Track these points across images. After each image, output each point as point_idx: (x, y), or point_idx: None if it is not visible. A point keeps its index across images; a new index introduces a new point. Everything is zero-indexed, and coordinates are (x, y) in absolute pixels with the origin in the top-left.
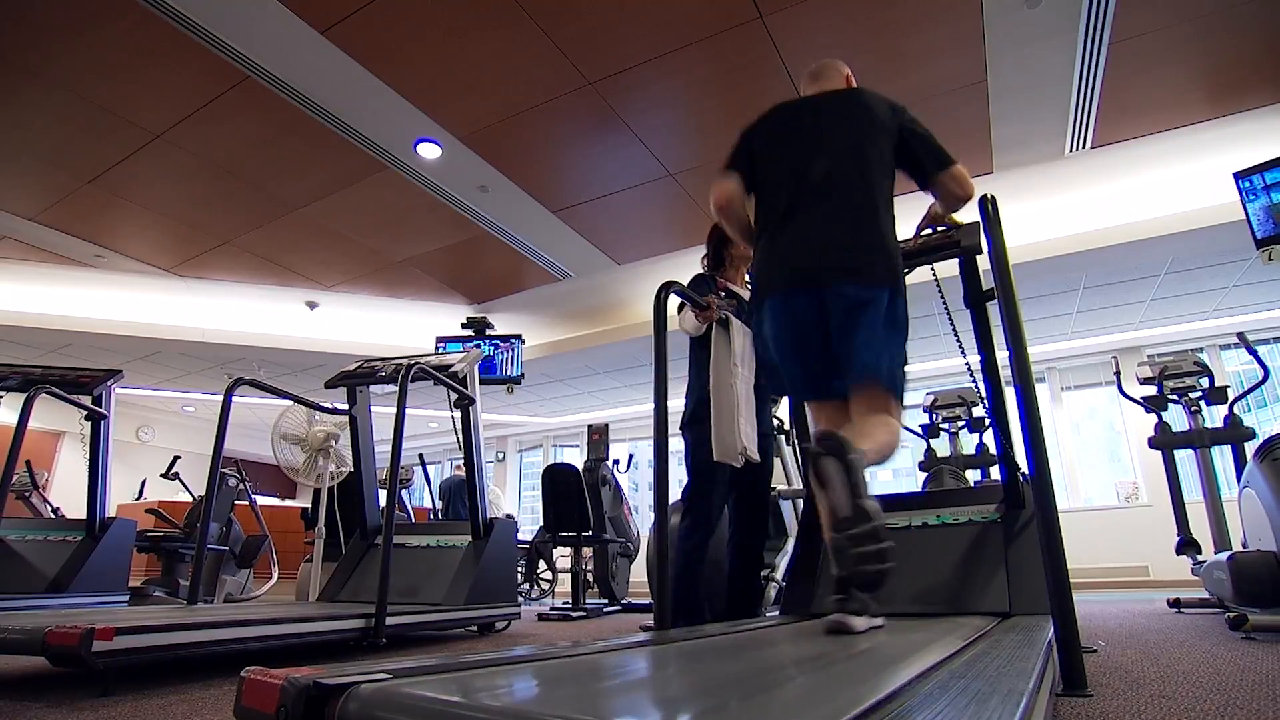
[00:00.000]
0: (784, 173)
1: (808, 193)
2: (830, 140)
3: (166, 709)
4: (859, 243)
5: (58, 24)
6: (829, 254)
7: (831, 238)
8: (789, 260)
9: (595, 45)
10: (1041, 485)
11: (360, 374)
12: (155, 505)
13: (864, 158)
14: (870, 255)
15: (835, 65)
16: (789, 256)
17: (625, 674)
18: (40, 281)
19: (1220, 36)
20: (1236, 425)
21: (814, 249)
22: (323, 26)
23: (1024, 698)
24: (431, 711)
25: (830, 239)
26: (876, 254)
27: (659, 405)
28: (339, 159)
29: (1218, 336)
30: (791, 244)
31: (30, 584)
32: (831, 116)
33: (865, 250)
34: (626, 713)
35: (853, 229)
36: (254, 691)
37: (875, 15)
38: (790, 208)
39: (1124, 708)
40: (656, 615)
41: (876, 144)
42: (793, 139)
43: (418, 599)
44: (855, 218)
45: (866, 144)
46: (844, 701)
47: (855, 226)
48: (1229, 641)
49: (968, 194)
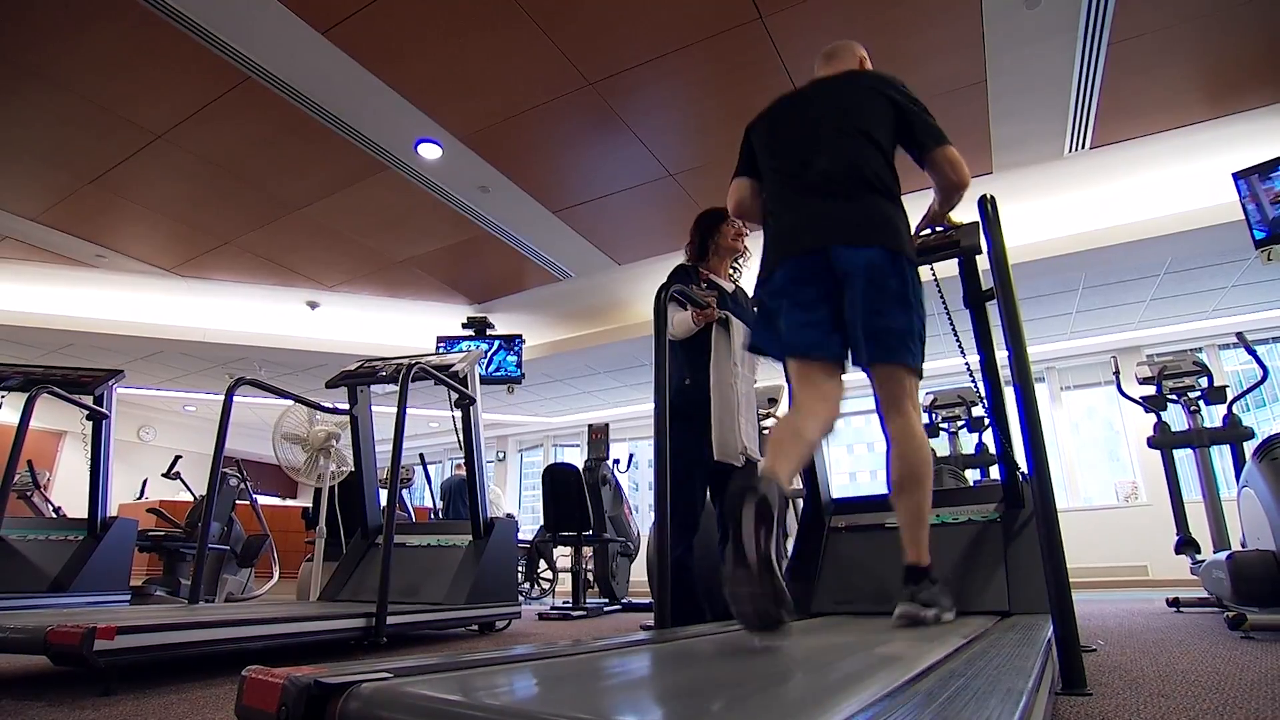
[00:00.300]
0: (784, 161)
1: (808, 178)
2: (827, 126)
3: (167, 708)
4: (859, 213)
5: (59, 24)
6: (830, 224)
7: (832, 212)
8: (793, 235)
9: (595, 46)
10: (1041, 485)
11: (361, 374)
12: (157, 505)
13: (863, 138)
14: (872, 222)
15: (850, 46)
16: (793, 232)
17: (625, 673)
18: (42, 282)
19: (1219, 37)
20: (1235, 425)
21: (815, 221)
22: (323, 27)
23: (1024, 696)
24: (432, 710)
25: (831, 213)
26: (879, 220)
27: (659, 405)
28: (340, 159)
29: (1216, 336)
30: (793, 222)
31: (32, 583)
32: (828, 102)
33: (865, 218)
34: (626, 712)
35: (853, 203)
36: (255, 690)
37: (875, 15)
38: (793, 194)
39: (1123, 707)
40: (657, 614)
41: (874, 124)
42: (792, 129)
43: (418, 598)
44: (856, 194)
45: (864, 124)
46: (844, 700)
47: (855, 201)
48: (1228, 641)
49: (961, 178)
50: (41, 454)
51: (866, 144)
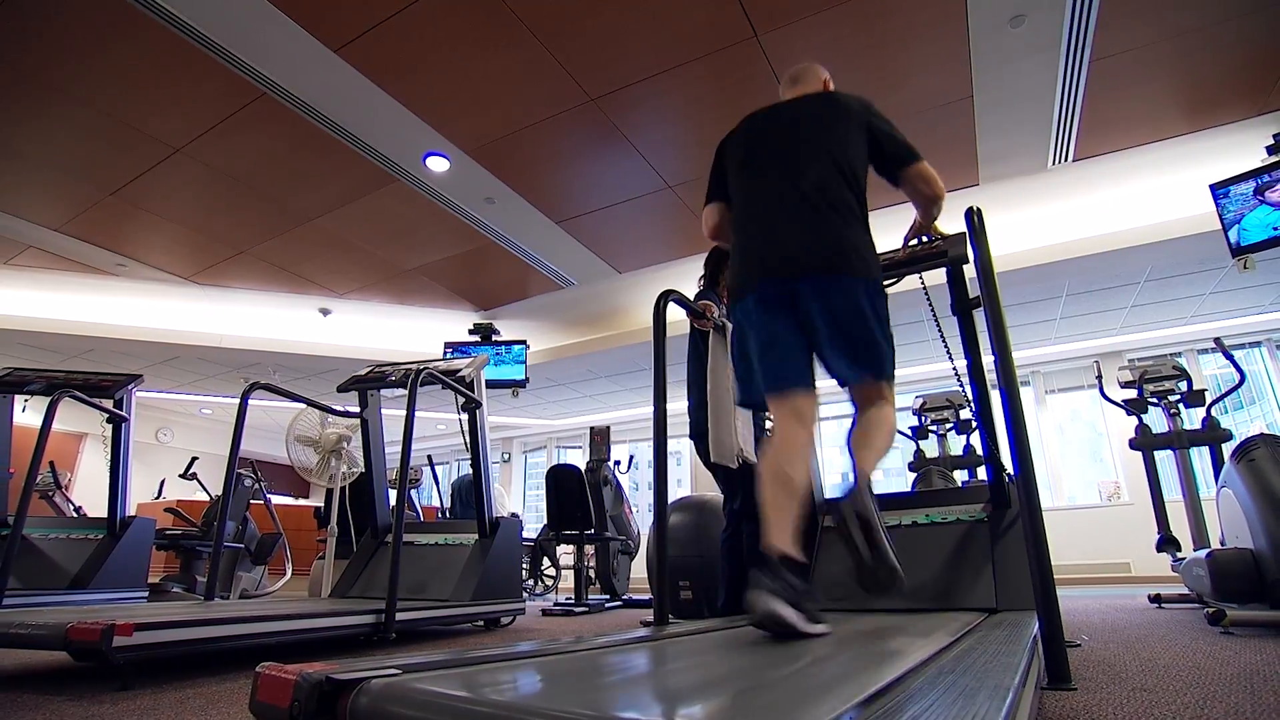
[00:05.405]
0: (754, 180)
1: (777, 197)
2: (798, 146)
3: (183, 702)
4: (828, 238)
5: (82, 42)
6: (799, 250)
7: (801, 236)
8: (760, 258)
9: (597, 63)
10: (1026, 485)
11: (371, 378)
12: (174, 504)
13: (832, 160)
14: (840, 249)
15: (814, 69)
16: (760, 255)
17: (627, 669)
18: (64, 289)
19: (1196, 55)
20: (1214, 427)
21: (785, 245)
22: (336, 45)
23: (1010, 692)
24: (439, 706)
25: (800, 237)
26: (846, 248)
27: (658, 408)
28: (351, 172)
29: (1195, 341)
30: (763, 244)
31: (53, 580)
32: (800, 123)
33: (834, 245)
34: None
35: (822, 227)
36: (269, 686)
37: (865, 33)
38: (761, 213)
39: (1107, 700)
40: (656, 610)
41: (845, 145)
42: (762, 148)
43: (426, 595)
44: (824, 218)
45: (834, 147)
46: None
47: (824, 225)
48: (1208, 636)
49: (935, 192)
50: (63, 455)
51: (837, 164)
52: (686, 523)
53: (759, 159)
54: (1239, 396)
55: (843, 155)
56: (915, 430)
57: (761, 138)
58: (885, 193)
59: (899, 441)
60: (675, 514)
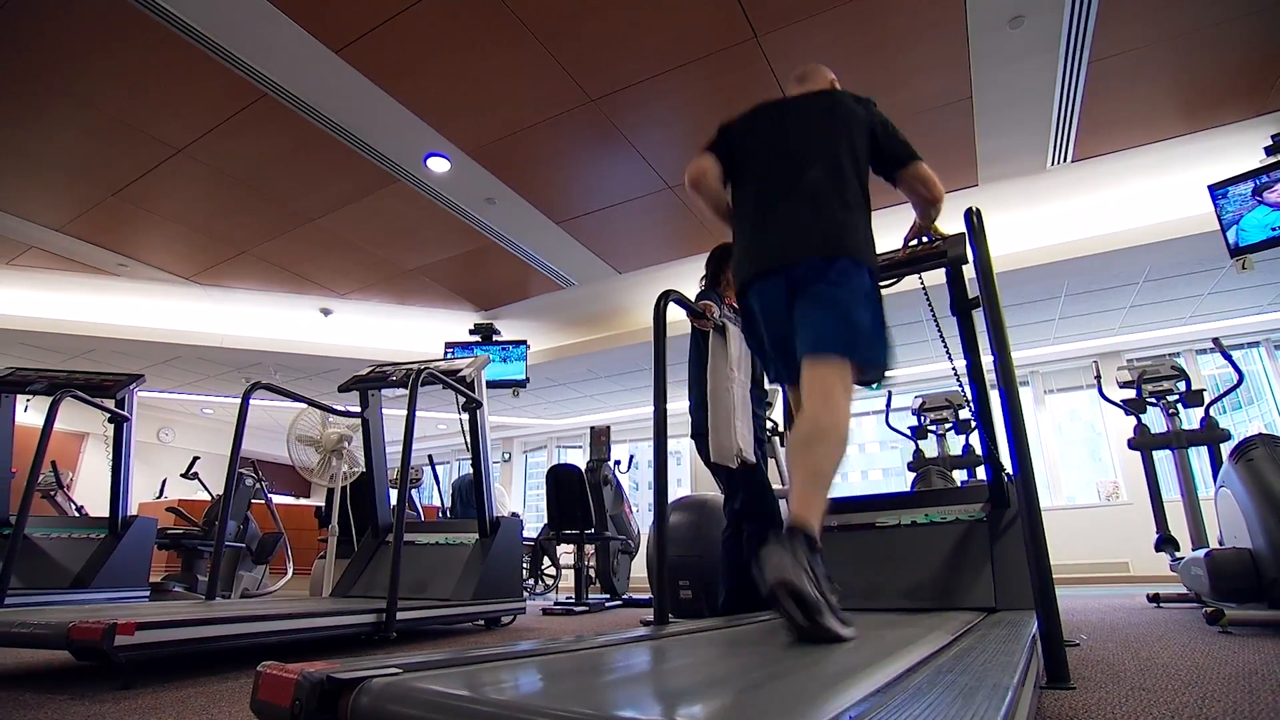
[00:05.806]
0: (759, 169)
1: (781, 188)
2: (804, 139)
3: (185, 701)
4: (824, 224)
5: (84, 43)
6: (795, 238)
7: (798, 225)
8: (761, 249)
9: (597, 64)
10: (1025, 484)
11: (372, 378)
12: (175, 504)
13: (835, 155)
14: (835, 233)
15: (820, 69)
16: (761, 246)
17: (627, 668)
18: (66, 289)
19: (1195, 55)
20: (1212, 427)
21: (782, 236)
22: (337, 46)
23: (1009, 691)
24: (440, 705)
25: (797, 226)
26: (841, 230)
27: (658, 408)
28: (352, 172)
29: (1194, 342)
30: (764, 234)
31: (55, 580)
32: (807, 117)
33: (827, 231)
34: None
35: (820, 215)
36: (270, 685)
37: (865, 35)
38: (764, 203)
39: (1106, 700)
40: (656, 610)
41: (849, 142)
42: (769, 137)
43: (427, 594)
44: (823, 207)
45: (838, 142)
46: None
47: (822, 213)
48: (1206, 635)
49: (933, 194)
50: (65, 455)
51: (840, 160)
52: (686, 522)
53: (764, 151)
54: (1237, 396)
55: (847, 152)
56: (914, 430)
57: (767, 130)
58: (885, 193)
59: (898, 441)
60: (675, 514)
